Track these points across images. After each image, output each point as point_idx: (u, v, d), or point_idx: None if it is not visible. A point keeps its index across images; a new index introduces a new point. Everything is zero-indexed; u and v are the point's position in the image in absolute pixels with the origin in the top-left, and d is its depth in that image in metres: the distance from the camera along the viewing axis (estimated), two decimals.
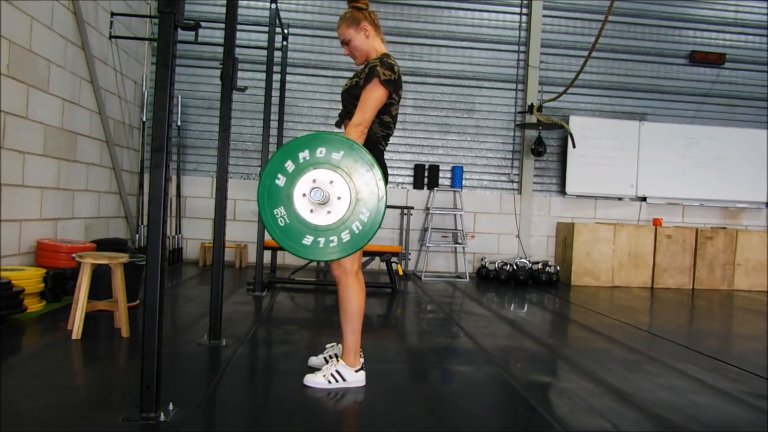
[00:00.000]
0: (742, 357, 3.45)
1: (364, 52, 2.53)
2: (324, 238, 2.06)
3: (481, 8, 7.24)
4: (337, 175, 2.05)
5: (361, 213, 2.06)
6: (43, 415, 2.03)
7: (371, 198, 2.07)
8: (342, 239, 2.06)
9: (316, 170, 2.05)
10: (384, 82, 2.36)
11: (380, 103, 2.39)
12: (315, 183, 2.04)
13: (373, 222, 2.06)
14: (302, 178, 2.05)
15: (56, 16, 4.61)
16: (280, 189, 2.05)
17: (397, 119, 2.58)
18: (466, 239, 6.97)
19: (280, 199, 2.05)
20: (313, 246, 2.06)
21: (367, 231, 2.06)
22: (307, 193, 2.05)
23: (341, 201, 2.05)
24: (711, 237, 6.96)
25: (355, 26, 2.51)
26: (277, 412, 2.21)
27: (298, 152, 2.05)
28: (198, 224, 6.82)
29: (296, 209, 2.05)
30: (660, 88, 7.48)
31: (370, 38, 2.52)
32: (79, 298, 3.11)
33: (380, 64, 2.38)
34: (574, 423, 2.19)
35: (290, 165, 2.05)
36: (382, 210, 2.07)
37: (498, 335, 3.78)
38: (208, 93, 6.87)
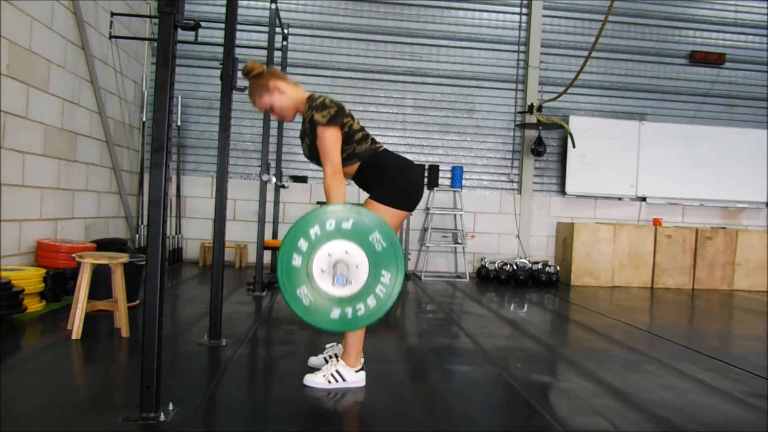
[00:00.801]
0: (742, 357, 3.45)
1: (291, 108, 2.52)
2: (351, 308, 2.08)
3: (481, 8, 7.24)
4: (351, 244, 2.07)
5: (382, 276, 2.08)
6: (43, 415, 2.03)
7: (388, 257, 2.08)
8: (368, 305, 2.08)
9: (330, 243, 2.07)
10: (327, 123, 2.35)
11: (338, 142, 2.38)
12: (331, 257, 2.06)
13: (395, 282, 2.08)
14: (318, 254, 2.07)
15: (56, 16, 4.61)
16: (299, 269, 2.06)
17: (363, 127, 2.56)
18: (466, 239, 6.97)
19: (300, 278, 2.06)
20: (342, 318, 2.08)
21: (391, 292, 2.09)
22: (326, 269, 2.06)
23: (360, 269, 2.07)
24: (711, 237, 6.96)
25: (266, 92, 2.50)
26: (277, 412, 2.21)
27: (308, 229, 2.07)
28: (198, 224, 6.82)
29: (318, 285, 2.07)
30: (660, 88, 7.48)
31: (285, 93, 2.51)
32: (79, 298, 3.11)
33: (314, 111, 2.37)
34: (574, 423, 2.19)
35: (303, 243, 2.07)
36: (402, 267, 2.09)
37: (498, 335, 3.78)
38: (208, 93, 6.87)
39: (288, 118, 2.57)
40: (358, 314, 2.08)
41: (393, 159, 2.53)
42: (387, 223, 2.42)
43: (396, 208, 2.45)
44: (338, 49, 7.07)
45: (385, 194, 2.45)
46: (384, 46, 7.09)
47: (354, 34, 7.07)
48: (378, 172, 2.48)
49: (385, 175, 2.47)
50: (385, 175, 2.47)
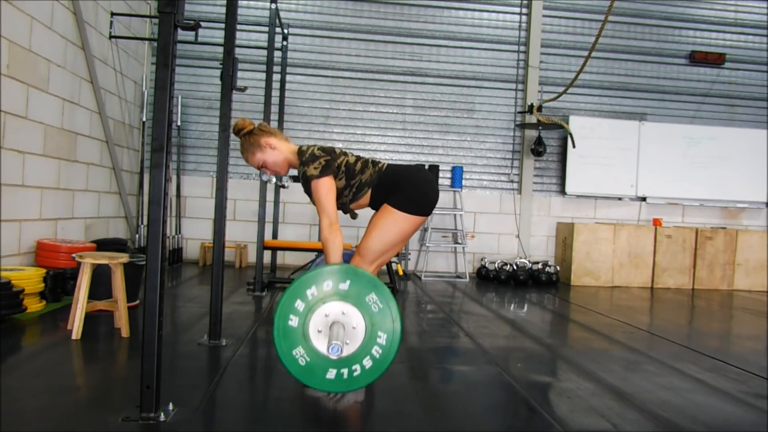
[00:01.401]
0: (742, 357, 3.45)
1: (284, 163, 2.54)
2: (347, 369, 2.10)
3: (481, 8, 7.24)
4: (348, 305, 2.08)
5: (378, 337, 2.09)
6: (43, 415, 2.03)
7: (385, 319, 2.09)
8: (365, 366, 2.10)
9: (327, 304, 2.09)
10: (319, 174, 2.36)
11: (332, 190, 2.39)
12: (328, 318, 2.06)
13: (391, 342, 2.10)
14: (314, 315, 2.08)
15: (56, 16, 4.61)
16: (295, 329, 2.07)
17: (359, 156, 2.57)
18: (466, 239, 6.96)
19: (296, 339, 2.08)
20: (338, 379, 2.10)
21: (387, 353, 2.11)
22: (323, 329, 2.07)
23: (357, 330, 2.08)
24: (711, 237, 6.96)
25: (258, 149, 2.53)
26: (277, 412, 2.21)
27: (305, 290, 2.09)
28: (198, 224, 6.82)
29: (314, 346, 2.08)
30: (660, 88, 7.48)
31: (277, 148, 2.52)
32: (79, 298, 3.11)
33: (305, 165, 2.39)
34: (574, 423, 2.19)
35: (300, 304, 2.08)
36: (399, 330, 2.10)
37: (498, 335, 3.78)
38: (208, 93, 6.87)
39: (282, 173, 2.60)
40: (354, 375, 2.10)
41: (400, 170, 2.55)
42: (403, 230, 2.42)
43: (412, 214, 2.45)
44: (338, 49, 7.07)
45: (403, 200, 2.44)
46: (384, 46, 7.09)
47: (354, 34, 7.07)
48: (391, 184, 2.49)
49: (399, 185, 2.47)
50: (399, 184, 2.47)
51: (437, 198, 2.56)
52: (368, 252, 2.46)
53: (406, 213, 2.43)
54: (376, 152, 7.13)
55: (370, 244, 2.45)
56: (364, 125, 7.14)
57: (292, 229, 6.92)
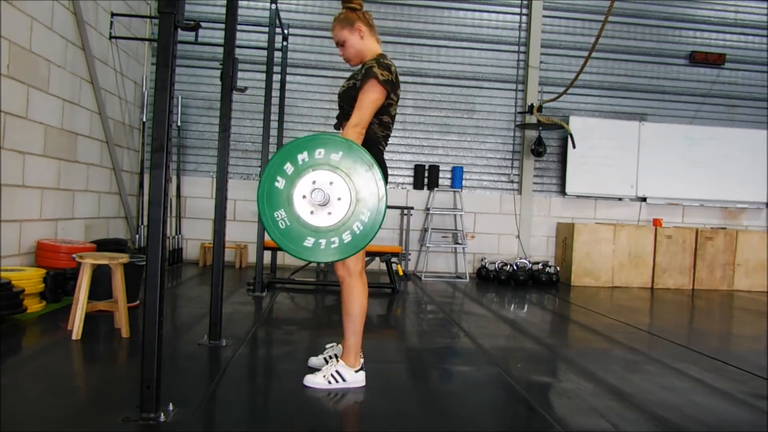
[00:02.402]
0: (742, 357, 3.45)
1: (360, 53, 2.53)
2: (325, 240, 2.05)
3: (481, 8, 7.24)
4: (337, 176, 2.05)
5: (362, 213, 2.05)
6: (43, 415, 2.03)
7: (371, 198, 2.06)
8: (343, 240, 2.05)
9: (316, 171, 2.05)
10: (382, 82, 2.35)
11: (378, 104, 2.38)
12: (315, 184, 2.04)
13: (373, 222, 2.06)
14: (302, 180, 2.04)
15: (56, 16, 4.61)
16: (280, 191, 2.04)
17: (395, 120, 2.57)
18: (466, 239, 6.96)
19: (280, 201, 2.04)
20: (315, 248, 2.06)
21: (368, 231, 2.06)
22: (308, 195, 2.04)
23: (341, 202, 2.05)
24: (711, 237, 6.96)
25: (349, 27, 2.51)
26: (277, 412, 2.21)
27: (296, 154, 2.05)
28: (198, 224, 6.82)
29: (297, 211, 2.04)
30: (660, 88, 7.48)
31: (365, 39, 2.52)
32: (79, 298, 3.11)
33: (377, 65, 2.38)
34: (574, 423, 2.19)
35: (289, 167, 2.04)
36: (383, 210, 2.07)
37: (498, 335, 3.78)
38: (208, 93, 6.87)
39: (352, 62, 2.57)
40: (331, 246, 2.05)
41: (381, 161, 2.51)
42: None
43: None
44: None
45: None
46: (384, 47, 7.03)
47: None
48: None
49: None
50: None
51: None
52: None
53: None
54: None
55: None
56: None
57: None
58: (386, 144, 2.57)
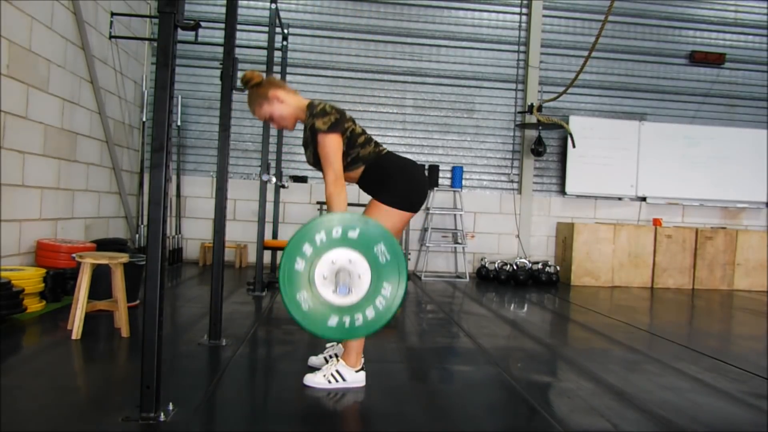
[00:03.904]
0: (742, 357, 3.45)
1: (291, 116, 2.51)
2: (349, 317, 2.07)
3: (481, 8, 7.24)
4: (356, 253, 2.06)
5: (383, 288, 2.07)
6: (43, 415, 2.03)
7: (391, 270, 2.08)
8: (367, 316, 2.07)
9: (335, 251, 2.06)
10: (328, 129, 2.34)
11: (339, 148, 2.37)
12: (334, 264, 2.06)
13: (395, 295, 2.08)
14: (321, 260, 2.06)
15: (56, 16, 4.61)
16: (301, 273, 2.06)
17: (365, 130, 2.56)
18: (466, 239, 6.96)
19: (301, 282, 2.06)
20: (340, 326, 2.07)
21: (390, 305, 2.08)
22: (328, 275, 2.06)
23: (362, 279, 2.06)
24: (711, 237, 6.96)
25: (265, 102, 2.48)
26: (277, 412, 2.21)
27: (314, 235, 2.06)
28: (198, 224, 6.82)
29: (318, 291, 2.06)
30: (660, 88, 7.48)
31: (285, 101, 2.48)
32: (79, 298, 3.11)
33: (314, 118, 2.36)
34: (574, 423, 2.19)
35: (308, 248, 2.06)
36: (404, 282, 2.09)
37: (498, 335, 3.78)
38: (208, 93, 6.87)
39: (289, 127, 2.56)
40: (355, 324, 2.07)
41: (396, 160, 2.53)
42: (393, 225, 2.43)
43: (401, 210, 2.45)
44: (338, 49, 7.07)
45: (390, 196, 2.44)
46: (384, 46, 7.09)
47: (354, 34, 7.07)
48: (382, 174, 2.48)
49: (390, 177, 2.46)
50: (390, 176, 2.46)
51: (426, 196, 2.56)
52: None
53: (394, 208, 2.43)
54: None
55: None
56: (364, 125, 7.04)
57: (292, 229, 6.83)
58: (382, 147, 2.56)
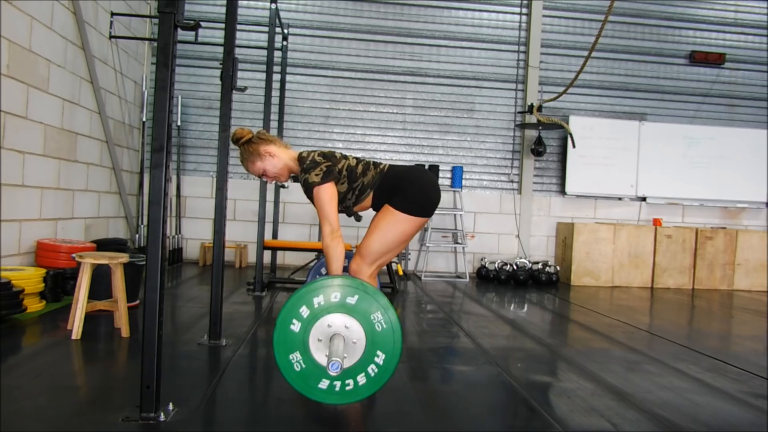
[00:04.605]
0: (742, 357, 3.45)
1: (284, 170, 2.53)
2: (339, 382, 2.10)
3: (481, 8, 7.24)
4: (352, 319, 2.08)
5: (377, 356, 2.09)
6: (43, 415, 2.03)
7: (386, 340, 2.09)
8: (358, 382, 2.10)
9: (331, 315, 2.08)
10: (321, 181, 2.35)
11: (334, 197, 2.38)
12: (330, 328, 2.07)
13: (387, 363, 2.09)
14: (317, 324, 2.08)
15: (56, 16, 4.61)
16: (295, 335, 2.07)
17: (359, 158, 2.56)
18: (466, 239, 6.96)
19: (295, 344, 2.07)
20: (329, 390, 2.10)
21: (383, 373, 2.10)
22: (323, 338, 2.07)
23: (356, 345, 2.08)
24: (711, 237, 6.96)
25: (258, 158, 2.51)
26: (277, 412, 2.21)
27: (312, 298, 2.08)
28: (198, 224, 6.82)
29: (312, 354, 2.08)
30: (660, 88, 7.48)
31: (276, 155, 2.50)
32: (79, 298, 3.11)
33: (306, 172, 2.37)
34: (574, 423, 2.19)
35: (305, 311, 2.08)
36: (398, 351, 2.10)
37: (498, 335, 3.78)
38: (208, 93, 6.87)
39: (283, 180, 2.59)
40: (346, 389, 2.10)
41: (403, 170, 2.53)
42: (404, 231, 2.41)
43: (413, 215, 2.43)
44: (338, 49, 7.07)
45: (402, 201, 2.42)
46: (384, 46, 7.09)
47: (354, 34, 7.07)
48: (392, 185, 2.47)
49: (401, 185, 2.45)
50: (401, 184, 2.45)
51: (439, 199, 2.54)
52: (369, 253, 2.45)
53: (407, 214, 2.42)
54: (376, 152, 7.13)
55: (371, 245, 2.44)
56: (364, 125, 7.14)
57: (292, 229, 6.92)
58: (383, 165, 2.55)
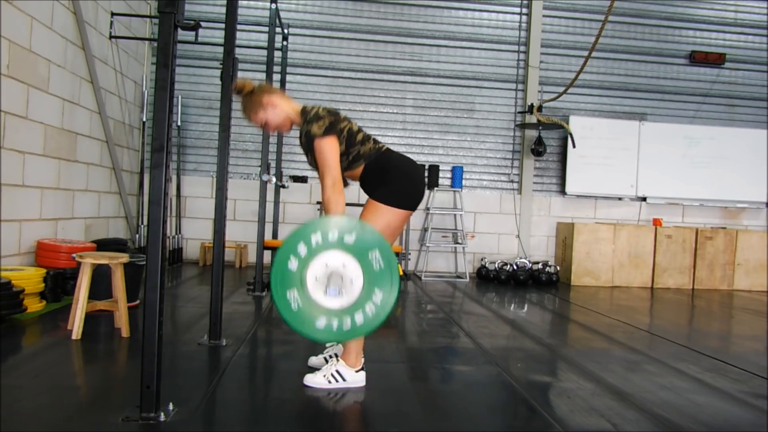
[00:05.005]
0: (742, 357, 3.45)
1: (286, 121, 2.54)
2: (337, 320, 2.08)
3: (481, 8, 7.24)
4: (350, 257, 2.07)
5: (374, 294, 2.07)
6: (43, 415, 2.03)
7: (383, 278, 2.08)
8: (356, 321, 2.08)
9: (329, 253, 2.07)
10: (323, 133, 2.35)
11: (336, 152, 2.38)
12: (328, 266, 2.06)
13: (385, 303, 2.08)
14: (315, 261, 2.07)
15: (56, 16, 4.61)
16: (293, 273, 2.06)
17: (361, 128, 2.57)
18: (466, 239, 6.96)
19: (293, 282, 2.06)
20: (327, 329, 2.08)
21: (380, 312, 2.08)
22: (320, 277, 2.06)
23: (354, 284, 2.07)
24: (711, 237, 6.96)
25: (260, 108, 2.51)
26: (277, 412, 2.21)
27: (310, 235, 2.07)
28: (198, 224, 6.82)
29: (309, 292, 2.07)
30: (660, 88, 7.48)
31: (278, 107, 2.51)
32: (79, 298, 3.11)
33: (309, 123, 2.38)
34: (574, 423, 2.19)
35: (303, 248, 2.07)
36: (396, 291, 2.09)
37: (498, 335, 3.78)
38: (208, 93, 6.87)
39: (284, 131, 2.59)
40: (343, 328, 2.08)
41: (396, 158, 2.53)
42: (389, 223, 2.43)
43: (399, 208, 2.45)
44: (338, 49, 7.07)
45: (386, 194, 2.44)
46: (384, 46, 7.09)
47: (354, 34, 7.07)
48: (381, 172, 2.48)
49: (389, 176, 2.47)
50: (389, 175, 2.47)
51: (422, 195, 2.56)
52: None
53: (391, 206, 2.43)
54: None
55: None
56: (364, 125, 7.14)
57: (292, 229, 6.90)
58: (381, 144, 2.57)
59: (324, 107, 2.46)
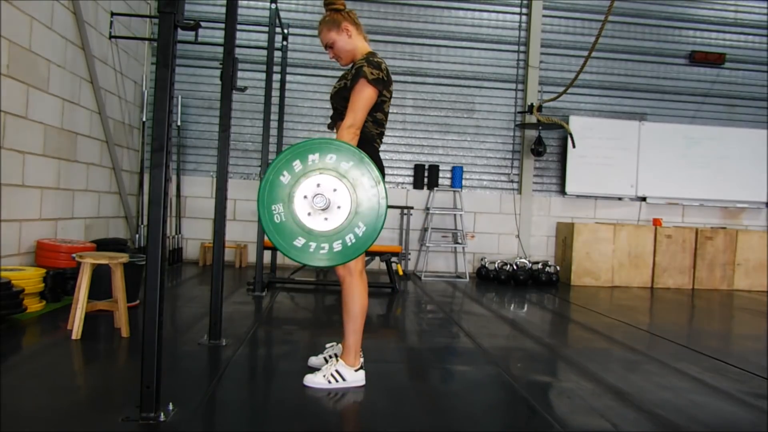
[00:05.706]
0: (742, 357, 3.45)
1: (349, 53, 2.54)
2: (315, 243, 2.05)
3: (481, 8, 7.24)
4: (342, 184, 2.05)
5: (357, 226, 2.05)
6: (43, 415, 2.03)
7: (371, 213, 2.06)
8: (333, 248, 2.05)
9: (322, 175, 2.05)
10: (372, 81, 2.36)
11: (370, 103, 2.39)
12: (319, 188, 2.04)
13: (367, 237, 2.05)
14: (307, 180, 2.05)
15: (56, 16, 4.61)
16: (283, 186, 2.04)
17: (388, 116, 2.58)
18: (466, 239, 6.96)
19: (280, 195, 2.04)
20: (304, 249, 2.05)
21: (360, 245, 2.06)
22: (309, 196, 2.04)
23: (341, 210, 2.05)
24: (711, 237, 6.96)
25: (336, 28, 2.51)
26: (277, 412, 2.21)
27: (308, 154, 2.05)
28: (198, 224, 6.82)
29: (294, 209, 2.05)
30: (660, 88, 7.48)
31: (352, 38, 2.52)
32: (79, 298, 3.11)
33: (366, 64, 2.38)
34: (574, 423, 2.19)
35: (298, 165, 2.05)
36: (379, 226, 2.07)
37: (498, 335, 3.78)
38: (208, 93, 6.87)
39: (342, 62, 2.58)
40: (320, 252, 2.05)
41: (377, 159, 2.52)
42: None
43: None
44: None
45: None
46: (384, 46, 7.09)
47: None
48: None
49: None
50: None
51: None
52: None
53: None
54: None
55: None
56: None
57: None
58: (381, 142, 2.58)
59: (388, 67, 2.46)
